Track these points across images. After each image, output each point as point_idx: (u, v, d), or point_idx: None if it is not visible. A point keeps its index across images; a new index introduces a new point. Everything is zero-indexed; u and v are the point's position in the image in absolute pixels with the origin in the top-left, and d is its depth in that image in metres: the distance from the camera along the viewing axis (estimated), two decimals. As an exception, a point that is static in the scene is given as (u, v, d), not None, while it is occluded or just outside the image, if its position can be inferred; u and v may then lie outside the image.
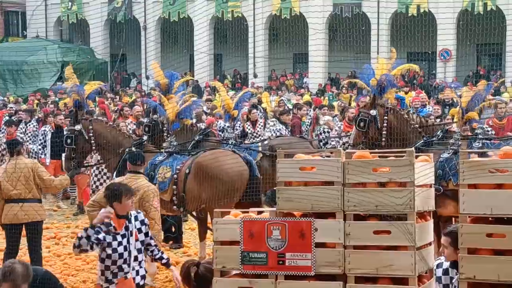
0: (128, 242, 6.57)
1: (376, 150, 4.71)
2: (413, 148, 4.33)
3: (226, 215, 4.57)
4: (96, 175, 12.54)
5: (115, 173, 9.75)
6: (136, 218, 6.71)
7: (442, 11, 34.89)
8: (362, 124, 9.54)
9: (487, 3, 34.06)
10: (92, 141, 10.03)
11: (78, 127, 10.13)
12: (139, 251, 6.70)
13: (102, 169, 12.00)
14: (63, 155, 10.53)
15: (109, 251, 6.50)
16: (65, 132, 10.87)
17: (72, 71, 10.85)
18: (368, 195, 4.22)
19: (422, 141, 9.15)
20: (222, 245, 4.41)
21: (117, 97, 28.10)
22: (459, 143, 8.80)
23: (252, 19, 37.44)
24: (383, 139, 9.43)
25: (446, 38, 35.21)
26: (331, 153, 4.53)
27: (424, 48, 36.27)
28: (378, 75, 9.78)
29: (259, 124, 15.46)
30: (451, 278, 5.49)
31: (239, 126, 14.86)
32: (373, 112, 9.58)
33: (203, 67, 38.08)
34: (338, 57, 35.74)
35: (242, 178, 9.15)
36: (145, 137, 10.56)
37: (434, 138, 9.17)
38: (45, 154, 15.08)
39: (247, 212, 4.66)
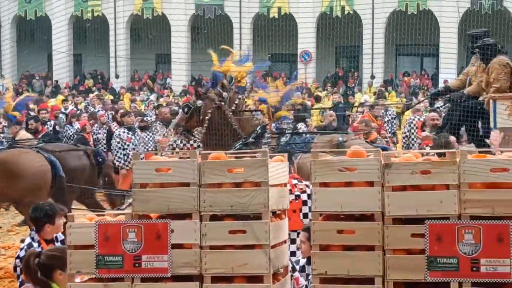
0: None
1: (231, 151, 4.76)
2: (267, 149, 4.42)
3: (79, 219, 4.49)
4: None
5: None
6: (56, 239, 6.14)
7: (302, 13, 35.79)
8: (186, 109, 10.04)
9: (344, 7, 35.20)
10: None
11: None
12: None
13: None
14: None
15: None
16: None
17: None
18: (224, 195, 4.26)
19: (240, 142, 9.63)
20: (76, 249, 4.33)
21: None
22: (270, 140, 9.39)
23: (113, 18, 36.88)
24: (204, 131, 9.87)
25: (306, 40, 36.12)
26: (187, 154, 4.54)
27: (286, 50, 37.05)
28: (224, 70, 10.21)
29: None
30: (308, 275, 5.64)
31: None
32: (199, 102, 9.98)
33: (63, 67, 37.16)
34: (201, 58, 35.91)
35: (45, 176, 9.24)
36: None
37: (251, 139, 9.65)
38: None
39: (103, 215, 4.60)
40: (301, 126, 14.58)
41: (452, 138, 8.54)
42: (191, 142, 11.60)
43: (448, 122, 10.35)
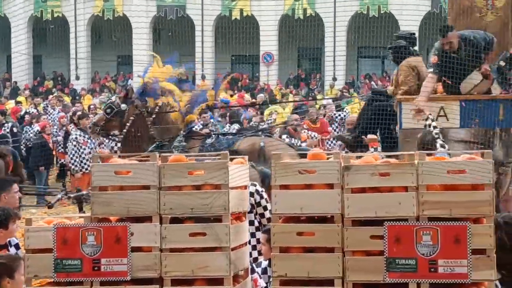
0: None
1: (192, 154, 4.75)
2: (227, 151, 4.42)
3: (37, 222, 4.44)
4: None
5: None
6: (10, 244, 5.93)
7: (265, 15, 35.87)
8: (109, 110, 10.23)
9: (306, 9, 35.35)
10: None
11: None
12: None
13: None
14: None
15: None
16: None
17: None
18: (184, 198, 4.24)
19: (155, 144, 9.96)
20: (33, 253, 4.28)
21: None
22: (184, 144, 9.63)
23: (74, 19, 36.52)
24: (121, 135, 10.10)
25: (268, 42, 36.20)
26: (148, 157, 4.52)
27: (248, 51, 37.09)
28: (150, 77, 10.40)
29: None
30: (269, 277, 5.65)
31: None
32: (123, 106, 10.18)
33: (22, 69, 36.70)
34: (163, 59, 35.68)
35: None
36: None
37: (166, 142, 9.98)
38: None
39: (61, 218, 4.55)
40: (234, 127, 14.76)
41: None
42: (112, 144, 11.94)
43: (361, 122, 10.37)
